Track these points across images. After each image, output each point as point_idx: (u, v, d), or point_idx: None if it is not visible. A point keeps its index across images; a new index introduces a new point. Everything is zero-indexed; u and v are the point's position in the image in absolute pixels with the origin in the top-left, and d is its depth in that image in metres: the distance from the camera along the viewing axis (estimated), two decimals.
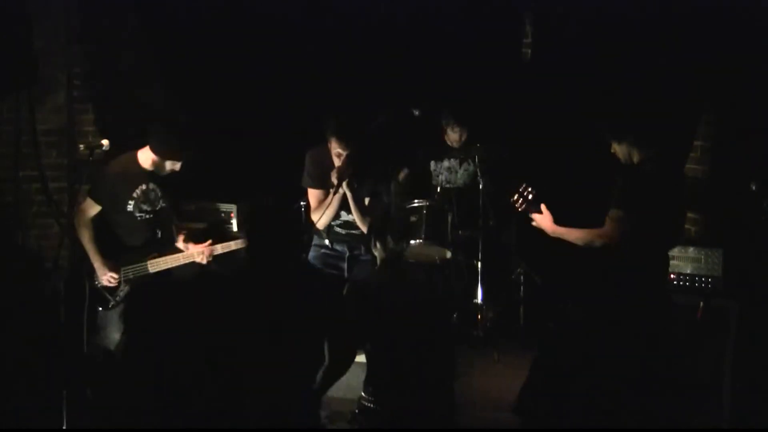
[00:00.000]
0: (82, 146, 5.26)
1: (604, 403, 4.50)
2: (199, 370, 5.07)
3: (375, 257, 4.26)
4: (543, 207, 4.60)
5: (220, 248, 5.25)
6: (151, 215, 5.14)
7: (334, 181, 4.89)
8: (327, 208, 4.99)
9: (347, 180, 4.88)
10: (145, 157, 5.05)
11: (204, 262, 5.20)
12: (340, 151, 4.91)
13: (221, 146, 6.76)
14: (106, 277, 5.07)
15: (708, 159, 5.93)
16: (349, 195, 4.93)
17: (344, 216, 5.08)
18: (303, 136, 5.38)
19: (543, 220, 4.59)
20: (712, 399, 5.01)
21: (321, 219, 5.04)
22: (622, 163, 4.53)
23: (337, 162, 4.94)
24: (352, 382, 4.70)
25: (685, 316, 5.03)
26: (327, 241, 5.10)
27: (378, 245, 4.22)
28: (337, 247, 5.10)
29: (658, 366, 4.61)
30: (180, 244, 5.24)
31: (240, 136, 6.79)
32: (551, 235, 4.59)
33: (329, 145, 4.97)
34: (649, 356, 4.55)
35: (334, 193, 4.91)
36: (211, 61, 6.65)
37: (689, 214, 5.29)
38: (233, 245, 5.30)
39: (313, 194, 5.12)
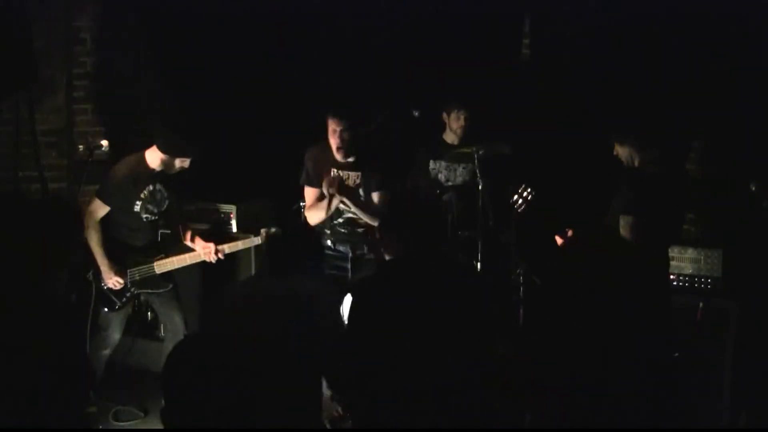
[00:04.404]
0: (81, 147, 5.26)
1: (599, 401, 4.50)
2: None
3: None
4: (569, 232, 4.78)
5: (227, 248, 5.25)
6: (156, 217, 5.13)
7: (326, 192, 4.87)
8: (319, 211, 4.96)
9: (339, 196, 4.83)
10: (153, 157, 5.04)
11: (213, 260, 5.21)
12: (335, 127, 4.87)
13: (221, 147, 6.75)
14: (112, 281, 5.05)
15: (707, 159, 5.92)
16: (344, 205, 4.90)
17: (347, 213, 5.04)
18: (303, 137, 5.37)
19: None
20: (712, 399, 5.02)
21: (312, 219, 5.01)
22: (624, 165, 4.54)
23: (334, 142, 4.89)
24: None
25: (685, 316, 5.03)
26: (330, 242, 5.07)
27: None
28: (340, 248, 5.07)
29: (658, 366, 4.62)
30: (188, 243, 5.24)
31: (240, 136, 6.78)
32: None
33: (328, 130, 4.93)
34: (649, 356, 4.56)
35: (328, 203, 4.89)
36: (211, 61, 6.63)
37: (689, 215, 5.30)
38: (240, 244, 5.30)
39: (309, 192, 5.09)
